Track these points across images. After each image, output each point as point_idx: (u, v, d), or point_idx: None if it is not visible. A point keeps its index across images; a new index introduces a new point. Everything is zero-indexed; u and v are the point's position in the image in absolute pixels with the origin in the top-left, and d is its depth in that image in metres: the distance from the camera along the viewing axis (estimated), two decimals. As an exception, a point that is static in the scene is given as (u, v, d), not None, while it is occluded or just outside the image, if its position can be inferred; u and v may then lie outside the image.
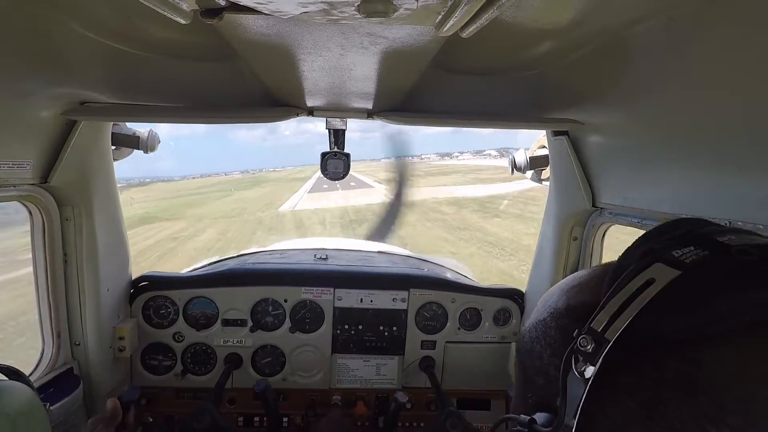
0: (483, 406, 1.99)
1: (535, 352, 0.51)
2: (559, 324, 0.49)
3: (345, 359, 1.92)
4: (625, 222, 1.37)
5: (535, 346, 0.51)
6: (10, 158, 1.16)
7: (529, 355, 0.52)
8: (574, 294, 0.51)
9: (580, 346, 0.41)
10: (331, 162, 1.50)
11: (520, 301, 1.95)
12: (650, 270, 0.40)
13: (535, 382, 0.50)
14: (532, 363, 0.51)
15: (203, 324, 1.83)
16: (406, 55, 0.84)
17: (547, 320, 0.51)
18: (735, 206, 0.92)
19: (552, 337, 0.49)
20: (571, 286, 0.52)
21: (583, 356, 0.41)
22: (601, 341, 0.40)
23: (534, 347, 0.51)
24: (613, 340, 0.39)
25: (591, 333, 0.41)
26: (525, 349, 0.53)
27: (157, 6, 0.56)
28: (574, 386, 0.42)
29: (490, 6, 0.55)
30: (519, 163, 1.76)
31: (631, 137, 1.19)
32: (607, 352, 0.39)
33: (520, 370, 0.54)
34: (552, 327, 0.50)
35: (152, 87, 1.22)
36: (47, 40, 0.85)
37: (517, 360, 0.56)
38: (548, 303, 0.53)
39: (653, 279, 0.40)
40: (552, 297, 0.53)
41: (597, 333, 0.40)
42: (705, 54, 0.72)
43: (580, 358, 0.41)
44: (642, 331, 0.39)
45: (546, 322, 0.51)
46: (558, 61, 0.93)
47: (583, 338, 0.41)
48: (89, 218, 1.47)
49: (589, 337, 0.41)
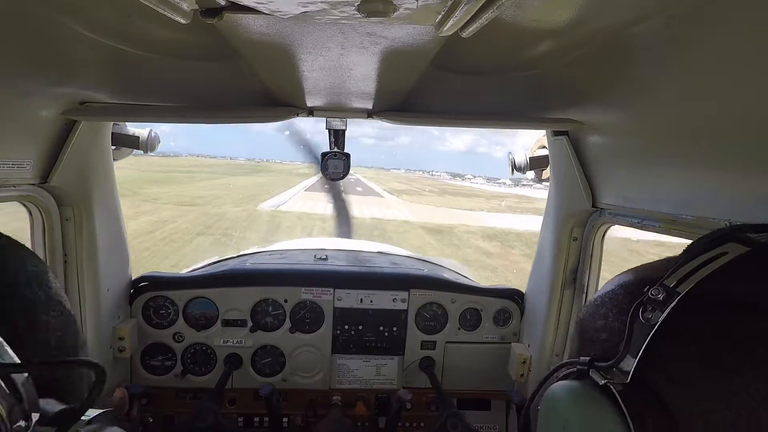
0: (483, 406, 1.99)
1: (600, 314, 0.57)
2: (628, 290, 0.56)
3: (345, 359, 1.92)
4: (625, 222, 1.36)
5: (600, 309, 0.58)
6: (10, 158, 1.16)
7: (592, 318, 0.59)
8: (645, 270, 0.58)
9: (651, 295, 0.47)
10: (331, 162, 1.50)
11: (520, 301, 1.95)
12: (725, 246, 0.47)
13: (596, 339, 0.56)
14: (594, 324, 0.58)
15: (203, 324, 1.83)
16: (405, 55, 0.84)
17: (615, 290, 0.58)
18: (735, 206, 0.92)
19: (620, 300, 0.56)
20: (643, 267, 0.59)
21: (653, 305, 0.47)
22: (672, 293, 0.46)
23: (599, 311, 0.58)
24: (684, 292, 0.45)
25: (663, 287, 0.47)
26: (588, 314, 0.60)
27: (157, 6, 0.56)
28: (639, 331, 0.47)
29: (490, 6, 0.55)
30: (519, 163, 1.76)
31: (631, 137, 1.19)
32: (676, 305, 0.45)
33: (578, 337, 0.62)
34: (620, 294, 0.57)
35: (152, 87, 1.22)
36: (47, 40, 0.85)
37: (577, 328, 0.63)
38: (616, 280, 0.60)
39: (726, 252, 0.46)
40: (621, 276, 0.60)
41: (669, 288, 0.46)
42: (705, 54, 0.72)
43: (649, 307, 0.47)
44: (711, 292, 0.45)
45: (614, 291, 0.58)
46: (558, 60, 0.93)
47: (656, 289, 0.47)
48: (89, 218, 1.47)
49: (661, 288, 0.47)
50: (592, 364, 0.52)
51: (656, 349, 0.45)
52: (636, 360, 0.46)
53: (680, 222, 1.09)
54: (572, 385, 0.53)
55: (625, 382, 0.47)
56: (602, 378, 0.49)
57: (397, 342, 1.92)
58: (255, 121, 1.35)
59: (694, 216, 1.03)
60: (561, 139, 1.49)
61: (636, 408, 0.45)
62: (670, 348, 0.46)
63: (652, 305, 0.46)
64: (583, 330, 0.60)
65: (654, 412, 0.44)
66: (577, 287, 1.66)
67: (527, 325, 1.91)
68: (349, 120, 1.49)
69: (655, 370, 0.46)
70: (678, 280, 0.46)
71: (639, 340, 0.46)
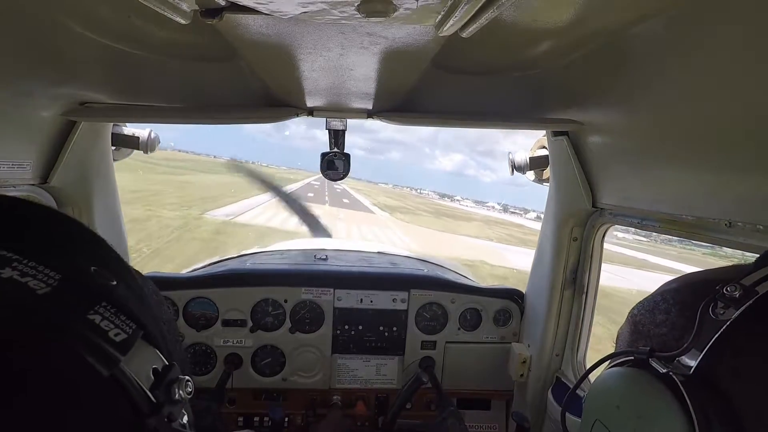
0: (483, 406, 1.99)
1: (660, 309, 0.57)
2: (695, 288, 0.55)
3: (345, 359, 1.92)
4: (625, 222, 1.36)
5: (660, 305, 0.57)
6: (10, 158, 1.16)
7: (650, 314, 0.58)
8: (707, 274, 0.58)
9: (725, 291, 0.47)
10: (331, 162, 1.50)
11: (520, 301, 1.95)
12: None
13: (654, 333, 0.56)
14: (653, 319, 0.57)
15: (203, 324, 1.83)
16: (406, 55, 0.84)
17: (679, 287, 0.58)
18: (735, 206, 0.92)
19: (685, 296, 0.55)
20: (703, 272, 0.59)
21: (727, 301, 0.46)
22: (750, 292, 0.46)
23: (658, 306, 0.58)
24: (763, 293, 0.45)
25: (740, 285, 0.47)
26: (646, 310, 0.59)
27: (157, 6, 0.56)
28: (708, 326, 0.47)
29: (490, 6, 0.55)
30: (519, 163, 1.76)
31: (631, 137, 1.19)
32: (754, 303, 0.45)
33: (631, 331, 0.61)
34: (684, 291, 0.57)
35: (152, 87, 1.22)
36: (47, 40, 0.85)
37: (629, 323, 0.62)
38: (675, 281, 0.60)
39: None
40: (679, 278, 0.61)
41: (747, 286, 0.46)
42: (705, 54, 0.72)
43: (721, 303, 0.47)
44: None
45: (677, 289, 0.58)
46: (558, 61, 0.93)
47: (732, 286, 0.47)
48: (89, 218, 1.47)
49: (737, 285, 0.47)
50: (652, 354, 0.51)
51: (725, 345, 0.46)
52: (702, 353, 0.46)
53: (680, 222, 1.09)
54: (629, 372, 0.53)
55: (687, 374, 0.47)
56: (664, 367, 0.49)
57: (397, 342, 1.92)
58: (255, 121, 1.35)
59: (694, 216, 1.03)
60: (561, 139, 1.49)
61: (699, 399, 0.45)
62: (741, 344, 0.46)
63: (726, 302, 0.46)
64: (637, 325, 0.60)
65: (718, 405, 0.44)
66: (577, 287, 1.66)
67: (527, 325, 1.91)
68: (345, 127, 1.50)
69: (721, 365, 0.46)
70: (758, 279, 0.46)
71: (707, 335, 0.46)
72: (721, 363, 0.46)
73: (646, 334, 0.57)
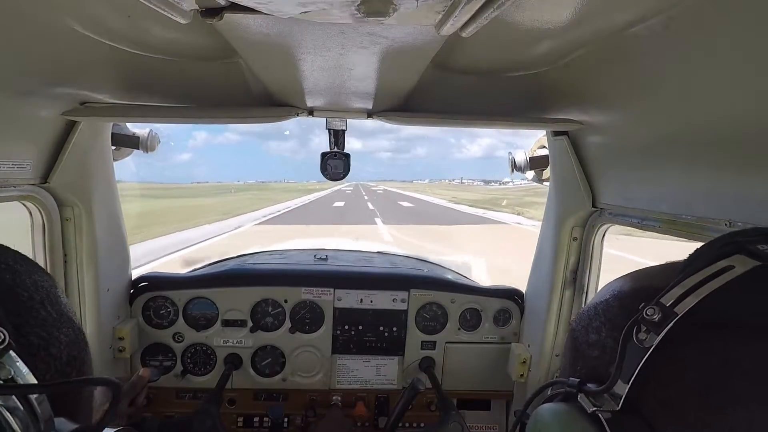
0: (483, 406, 1.99)
1: (593, 327, 0.53)
2: (623, 303, 0.51)
3: (345, 360, 1.92)
4: (625, 222, 1.36)
5: (593, 322, 0.53)
6: (10, 158, 1.16)
7: (584, 331, 0.54)
8: (641, 279, 0.53)
9: (645, 315, 0.42)
10: (331, 162, 1.50)
11: (520, 301, 1.95)
12: (731, 259, 0.42)
13: (588, 355, 0.52)
14: (587, 338, 0.53)
15: (203, 324, 1.83)
16: (406, 55, 0.84)
17: (609, 300, 0.53)
18: (735, 206, 0.92)
19: (614, 313, 0.51)
20: (639, 274, 0.54)
21: (648, 326, 0.42)
22: (669, 314, 0.41)
23: (592, 323, 0.53)
24: (682, 314, 0.40)
25: (659, 305, 0.42)
26: (581, 326, 0.55)
27: (157, 6, 0.56)
28: (632, 354, 0.43)
29: (490, 6, 0.55)
30: (519, 162, 1.76)
31: (631, 137, 1.19)
32: (673, 326, 0.41)
33: (571, 347, 0.57)
34: (614, 306, 0.52)
35: (152, 87, 1.22)
36: (47, 40, 0.85)
37: (570, 337, 0.58)
38: (611, 287, 0.55)
39: (732, 266, 0.41)
40: (616, 283, 0.56)
41: (666, 306, 0.42)
42: (705, 54, 0.72)
43: (644, 327, 0.43)
44: (714, 312, 0.41)
45: (608, 302, 0.53)
46: (558, 61, 0.93)
47: (651, 308, 0.42)
48: (89, 218, 1.47)
49: (656, 308, 0.42)
50: (581, 388, 0.48)
51: (651, 374, 0.42)
52: (628, 386, 0.43)
53: (680, 222, 1.09)
54: (560, 410, 0.50)
55: (615, 410, 0.44)
56: (591, 405, 0.46)
57: (397, 342, 1.92)
58: (255, 121, 1.35)
59: (694, 216, 1.03)
60: (561, 139, 1.49)
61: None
62: (666, 373, 0.42)
63: (647, 326, 0.42)
64: (576, 341, 0.56)
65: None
66: (577, 287, 1.66)
67: (527, 326, 1.91)
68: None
69: (648, 397, 0.43)
70: (677, 297, 0.42)
71: (632, 364, 0.43)
72: (648, 394, 0.43)
73: (582, 354, 0.54)
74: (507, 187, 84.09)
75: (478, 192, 71.03)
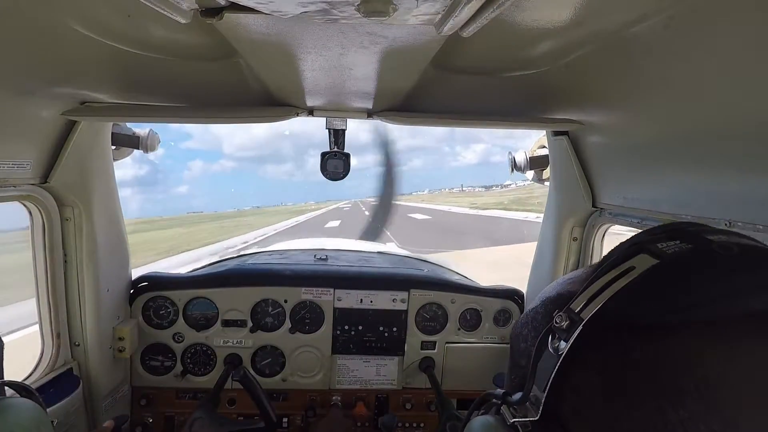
0: None
1: (522, 336, 0.53)
2: (547, 310, 0.51)
3: (345, 360, 1.92)
4: (625, 222, 1.36)
5: (523, 330, 0.53)
6: (10, 158, 1.16)
7: (517, 339, 0.54)
8: (565, 284, 0.52)
9: (555, 323, 0.43)
10: (330, 162, 1.50)
11: (520, 301, 1.95)
12: (634, 259, 0.42)
13: (519, 364, 0.52)
14: (518, 347, 0.53)
15: (203, 324, 1.83)
16: (406, 55, 0.85)
17: (538, 308, 0.53)
18: (735, 206, 0.92)
19: (539, 321, 0.51)
20: (566, 279, 0.54)
21: (559, 333, 0.43)
22: (576, 320, 0.42)
23: (522, 332, 0.53)
24: (586, 320, 0.41)
25: (568, 312, 0.43)
26: (515, 334, 0.56)
27: (157, 6, 0.56)
28: (546, 361, 0.44)
29: (490, 5, 0.55)
30: (519, 162, 1.76)
31: (631, 137, 1.19)
32: (582, 331, 0.41)
33: (510, 356, 0.57)
34: (540, 313, 0.52)
35: (152, 87, 1.22)
36: (47, 40, 0.85)
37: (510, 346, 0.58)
38: (543, 294, 0.55)
39: (633, 267, 0.41)
40: (547, 289, 0.55)
41: (573, 312, 0.42)
42: (705, 54, 0.72)
43: (556, 335, 0.43)
44: (615, 314, 0.41)
45: (536, 309, 0.53)
46: (558, 61, 0.93)
47: (560, 316, 0.43)
48: (89, 218, 1.46)
49: (565, 315, 0.43)
50: (504, 399, 0.49)
51: (564, 381, 0.42)
52: (544, 394, 0.43)
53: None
54: (487, 422, 0.50)
55: (534, 419, 0.44)
56: (512, 415, 0.46)
57: (397, 342, 1.92)
58: (255, 120, 1.35)
59: (694, 216, 1.03)
60: (561, 139, 1.49)
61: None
62: (577, 379, 0.42)
63: (558, 333, 0.43)
64: (511, 350, 0.56)
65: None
66: None
67: None
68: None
69: (564, 405, 0.43)
70: (584, 303, 0.42)
71: (547, 372, 0.43)
72: (565, 402, 0.43)
73: (516, 363, 0.53)
74: (509, 189, 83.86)
75: (488, 196, 69.94)
